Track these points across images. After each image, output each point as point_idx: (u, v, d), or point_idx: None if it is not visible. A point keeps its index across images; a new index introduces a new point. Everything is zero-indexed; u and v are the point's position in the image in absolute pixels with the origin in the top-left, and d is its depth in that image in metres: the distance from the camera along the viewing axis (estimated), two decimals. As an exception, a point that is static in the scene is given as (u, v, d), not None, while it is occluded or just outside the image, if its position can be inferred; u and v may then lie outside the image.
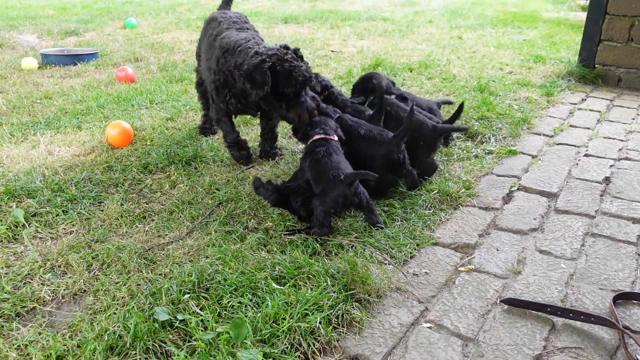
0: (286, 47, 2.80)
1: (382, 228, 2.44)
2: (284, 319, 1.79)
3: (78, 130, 3.70)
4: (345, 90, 4.29)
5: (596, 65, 5.28)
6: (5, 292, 2.00)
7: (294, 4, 11.52)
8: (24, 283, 2.08)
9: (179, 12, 10.14)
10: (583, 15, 7.40)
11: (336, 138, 2.68)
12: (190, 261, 2.20)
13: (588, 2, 5.45)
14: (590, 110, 4.43)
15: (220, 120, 3.16)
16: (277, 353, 1.69)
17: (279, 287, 1.98)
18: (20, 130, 3.67)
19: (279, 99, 2.77)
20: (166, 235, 2.43)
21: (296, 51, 2.83)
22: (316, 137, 2.65)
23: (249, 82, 2.74)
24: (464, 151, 3.41)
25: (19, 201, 2.69)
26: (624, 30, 5.03)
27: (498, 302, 2.01)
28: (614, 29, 5.07)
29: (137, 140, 3.53)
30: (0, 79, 5.09)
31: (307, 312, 1.84)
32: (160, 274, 2.11)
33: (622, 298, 2.02)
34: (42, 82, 5.03)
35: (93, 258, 2.22)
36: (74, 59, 5.81)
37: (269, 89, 2.68)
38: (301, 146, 3.37)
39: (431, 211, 2.64)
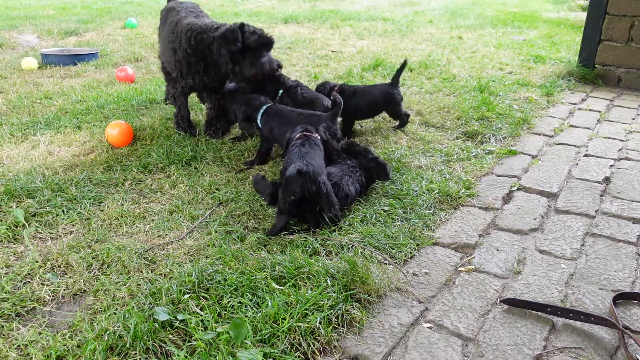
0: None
1: (336, 224, 2.44)
2: (284, 319, 1.79)
3: (78, 130, 3.70)
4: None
5: (596, 65, 5.28)
6: (5, 292, 2.00)
7: (294, 4, 11.52)
8: (24, 283, 2.08)
9: (179, 12, 10.15)
10: (583, 15, 7.40)
11: (317, 136, 2.78)
12: (190, 261, 2.20)
13: (588, 2, 5.45)
14: (590, 110, 4.43)
15: (179, 97, 3.60)
16: (277, 353, 1.69)
17: (279, 287, 1.98)
18: (20, 130, 3.67)
19: (244, 57, 3.24)
20: (166, 235, 2.43)
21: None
22: (297, 135, 2.74)
23: (224, 42, 3.20)
24: (464, 151, 3.41)
25: (19, 201, 2.69)
26: (624, 30, 5.03)
27: (498, 302, 2.01)
28: (614, 29, 5.07)
29: (137, 140, 3.53)
30: (0, 79, 5.09)
31: (307, 312, 1.84)
32: (160, 274, 2.11)
33: (622, 298, 2.02)
34: (42, 82, 5.03)
35: (93, 258, 2.22)
36: (74, 59, 5.81)
37: (240, 44, 3.17)
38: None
39: (431, 211, 2.64)
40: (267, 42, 3.26)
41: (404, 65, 3.68)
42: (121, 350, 1.71)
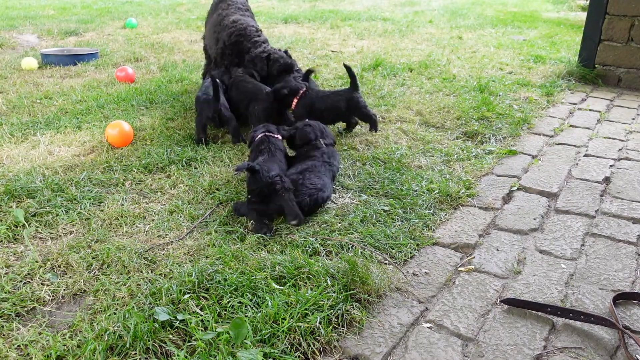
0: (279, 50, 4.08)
1: (299, 224, 2.49)
2: (284, 319, 1.79)
3: (78, 130, 3.70)
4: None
5: (596, 65, 5.28)
6: (5, 292, 2.00)
7: (294, 4, 11.52)
8: (24, 283, 2.08)
9: (179, 12, 10.14)
10: (583, 15, 7.41)
11: (279, 136, 3.03)
12: (190, 261, 2.20)
13: (588, 2, 5.45)
14: (590, 110, 4.43)
15: (222, 64, 4.15)
16: (277, 353, 1.69)
17: (279, 287, 1.98)
18: (20, 130, 3.67)
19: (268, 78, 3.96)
20: (166, 235, 2.43)
21: (286, 51, 4.09)
22: (259, 135, 2.98)
23: (252, 65, 3.95)
24: (464, 151, 3.41)
25: (19, 201, 2.69)
26: (624, 30, 5.03)
27: (498, 302, 2.01)
28: (614, 29, 5.07)
29: (137, 140, 3.53)
30: (0, 79, 5.09)
31: (307, 312, 1.84)
32: (160, 274, 2.11)
33: (622, 298, 2.02)
34: (42, 82, 5.03)
35: (93, 258, 2.22)
36: (74, 59, 5.81)
37: (265, 72, 3.93)
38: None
39: (431, 211, 2.64)
40: (288, 69, 3.95)
41: (350, 70, 3.66)
42: (121, 350, 1.71)
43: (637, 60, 5.07)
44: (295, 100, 3.66)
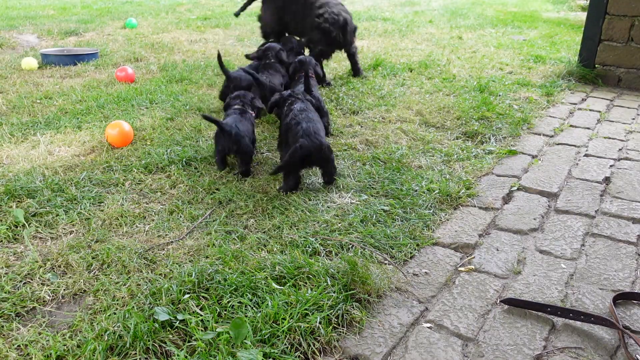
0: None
1: (244, 176, 2.99)
2: (284, 319, 1.79)
3: (78, 130, 3.70)
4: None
5: (596, 65, 5.28)
6: (5, 292, 2.00)
7: (294, 4, 11.52)
8: (24, 283, 2.08)
9: (179, 12, 10.14)
10: (583, 15, 7.41)
11: (251, 111, 3.37)
12: (190, 261, 2.20)
13: (588, 2, 5.45)
14: (590, 110, 4.43)
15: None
16: (277, 353, 1.69)
17: (279, 287, 1.98)
18: (20, 130, 3.67)
19: None
20: (166, 235, 2.43)
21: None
22: (234, 104, 3.36)
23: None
24: (464, 151, 3.41)
25: (19, 201, 2.69)
26: (624, 30, 5.03)
27: (498, 302, 2.01)
28: (614, 29, 5.07)
29: (137, 140, 3.53)
30: (0, 79, 5.09)
31: (307, 312, 1.84)
32: (160, 274, 2.11)
33: (622, 298, 2.02)
34: (42, 82, 5.03)
35: (93, 258, 2.22)
36: (74, 59, 5.81)
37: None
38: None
39: (431, 211, 2.64)
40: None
41: (306, 76, 3.54)
42: (121, 350, 1.71)
43: (637, 60, 5.07)
44: None
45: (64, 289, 2.04)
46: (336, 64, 5.82)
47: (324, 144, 2.81)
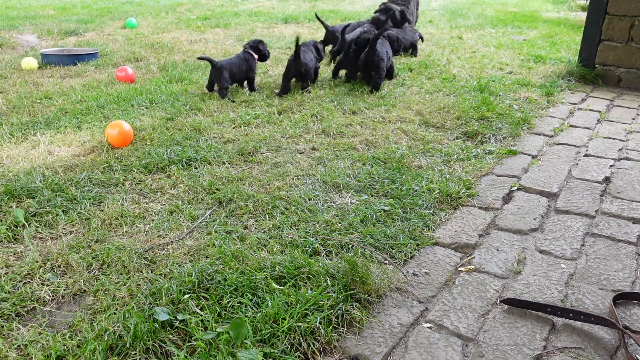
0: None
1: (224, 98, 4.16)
2: (284, 319, 1.79)
3: (78, 130, 3.70)
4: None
5: (596, 65, 5.28)
6: (5, 292, 2.00)
7: (293, 4, 11.52)
8: (24, 283, 2.08)
9: (179, 12, 10.14)
10: (583, 15, 7.40)
11: (252, 53, 4.72)
12: (190, 261, 2.20)
13: (588, 2, 5.45)
14: (590, 110, 4.43)
15: None
16: (277, 353, 1.69)
17: (279, 287, 1.98)
18: (20, 130, 3.67)
19: None
20: (166, 235, 2.43)
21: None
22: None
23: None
24: (464, 151, 3.41)
25: (19, 201, 2.69)
26: (624, 30, 5.03)
27: (498, 302, 2.01)
28: (614, 29, 5.07)
29: (137, 140, 3.53)
30: (0, 79, 5.09)
31: (307, 312, 1.84)
32: (160, 274, 2.11)
33: (622, 298, 2.02)
34: (42, 82, 5.03)
35: (93, 258, 2.22)
36: (74, 59, 5.81)
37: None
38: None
39: (431, 211, 2.64)
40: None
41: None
42: (121, 350, 1.71)
43: (637, 60, 5.07)
44: None
45: (64, 289, 2.04)
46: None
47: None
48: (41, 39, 7.30)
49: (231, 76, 4.52)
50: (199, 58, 4.81)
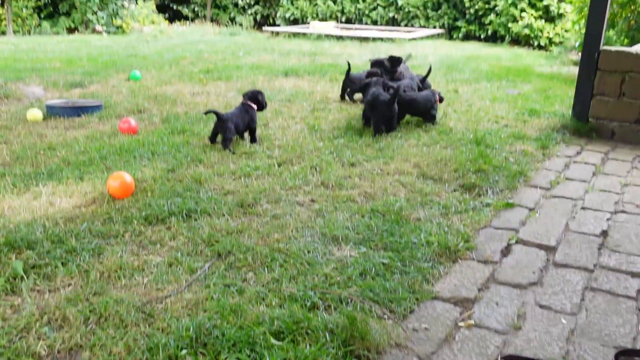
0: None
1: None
2: (283, 376, 1.77)
3: (80, 181, 3.74)
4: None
5: (590, 119, 5.39)
6: (1, 347, 1.98)
7: (294, 58, 11.83)
8: (20, 337, 2.06)
9: (182, 66, 10.41)
10: (575, 70, 7.60)
11: (251, 104, 4.85)
12: (188, 315, 2.19)
13: (580, 57, 5.62)
14: (585, 163, 4.50)
15: None
16: (275, 412, 1.66)
17: (277, 342, 1.96)
18: (23, 181, 3.71)
19: None
20: (164, 288, 2.42)
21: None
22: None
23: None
24: (462, 204, 3.44)
25: (18, 252, 2.69)
26: (615, 85, 5.17)
27: (499, 358, 1.99)
28: (606, 84, 5.22)
29: (138, 191, 3.56)
30: (5, 130, 5.18)
31: (306, 368, 1.81)
32: (157, 328, 2.09)
33: (624, 355, 2.00)
34: (47, 133, 5.11)
35: (90, 311, 2.21)
36: (78, 110, 5.92)
37: None
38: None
39: (430, 264, 2.64)
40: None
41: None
42: (116, 409, 1.67)
43: (630, 114, 5.19)
44: None
45: (60, 344, 2.02)
46: (338, 113, 5.94)
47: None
48: (47, 91, 7.46)
49: (235, 128, 4.68)
50: (206, 113, 5.06)
